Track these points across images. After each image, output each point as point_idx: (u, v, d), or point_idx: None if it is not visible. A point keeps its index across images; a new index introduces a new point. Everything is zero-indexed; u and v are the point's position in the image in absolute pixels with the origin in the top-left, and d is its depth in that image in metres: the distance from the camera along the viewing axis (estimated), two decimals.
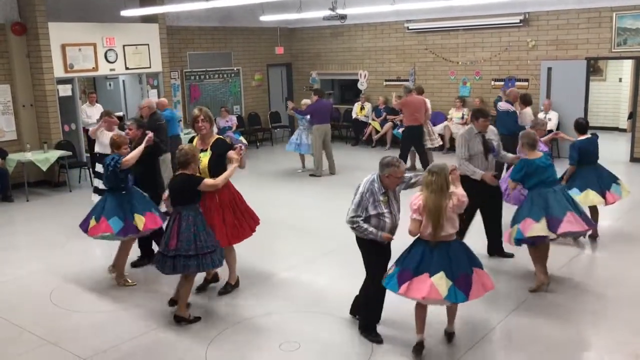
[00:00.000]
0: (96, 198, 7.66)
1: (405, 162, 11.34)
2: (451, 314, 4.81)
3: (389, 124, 13.93)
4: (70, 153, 10.73)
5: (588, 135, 7.06)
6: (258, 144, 15.10)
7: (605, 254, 6.79)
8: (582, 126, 7.07)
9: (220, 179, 5.29)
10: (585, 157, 6.88)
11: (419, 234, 4.54)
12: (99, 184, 7.88)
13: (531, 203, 5.63)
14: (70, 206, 9.19)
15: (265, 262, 6.69)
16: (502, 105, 9.70)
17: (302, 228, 7.91)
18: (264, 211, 5.96)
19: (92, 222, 5.96)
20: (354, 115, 14.85)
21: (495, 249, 6.63)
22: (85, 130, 10.99)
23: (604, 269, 6.34)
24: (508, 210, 6.36)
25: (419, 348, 4.57)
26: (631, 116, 12.77)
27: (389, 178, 4.62)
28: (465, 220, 5.40)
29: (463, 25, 13.12)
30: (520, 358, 4.60)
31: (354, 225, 4.67)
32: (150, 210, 6.10)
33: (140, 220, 5.94)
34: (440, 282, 4.32)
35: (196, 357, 4.70)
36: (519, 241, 5.67)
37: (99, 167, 7.89)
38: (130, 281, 6.15)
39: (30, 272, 6.73)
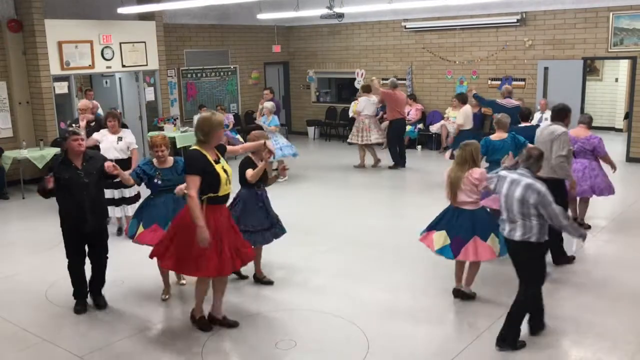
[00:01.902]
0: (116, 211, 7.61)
1: (397, 157, 11.49)
2: (470, 275, 5.47)
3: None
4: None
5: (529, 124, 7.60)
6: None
7: (604, 253, 6.80)
8: (524, 115, 7.79)
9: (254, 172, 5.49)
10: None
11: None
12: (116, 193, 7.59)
13: None
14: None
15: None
16: (511, 102, 9.90)
17: (298, 226, 7.91)
18: None
19: (141, 228, 5.63)
20: (350, 114, 14.81)
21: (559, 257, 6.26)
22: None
23: (600, 268, 6.35)
24: None
25: (457, 293, 5.49)
26: (627, 116, 12.81)
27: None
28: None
29: (460, 24, 13.13)
30: (518, 355, 4.61)
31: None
32: None
33: None
34: (439, 238, 5.29)
35: (192, 356, 4.70)
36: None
37: None
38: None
39: (25, 269, 6.72)
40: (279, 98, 16.37)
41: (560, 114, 6.11)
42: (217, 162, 4.67)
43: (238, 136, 13.07)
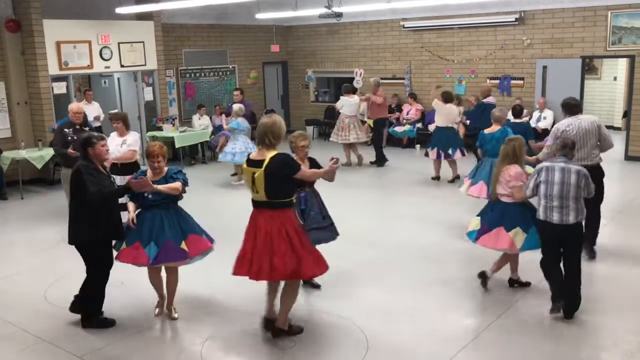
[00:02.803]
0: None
1: (381, 155, 11.68)
2: (513, 263, 5.69)
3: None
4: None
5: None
6: (254, 141, 15.08)
7: (602, 252, 6.80)
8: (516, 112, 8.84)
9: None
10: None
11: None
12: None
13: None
14: (64, 204, 9.13)
15: None
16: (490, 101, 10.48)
17: None
18: None
19: (123, 246, 5.14)
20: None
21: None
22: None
23: (600, 268, 6.35)
24: None
25: (482, 277, 5.66)
26: (626, 115, 12.81)
27: None
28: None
29: (459, 23, 13.13)
30: (514, 353, 4.61)
31: None
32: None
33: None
34: (474, 222, 5.70)
35: (192, 355, 4.70)
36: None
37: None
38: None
39: (24, 270, 6.71)
40: (278, 98, 16.39)
41: (577, 108, 6.48)
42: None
43: None
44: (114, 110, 8.33)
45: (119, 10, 10.76)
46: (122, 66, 11.91)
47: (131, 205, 5.13)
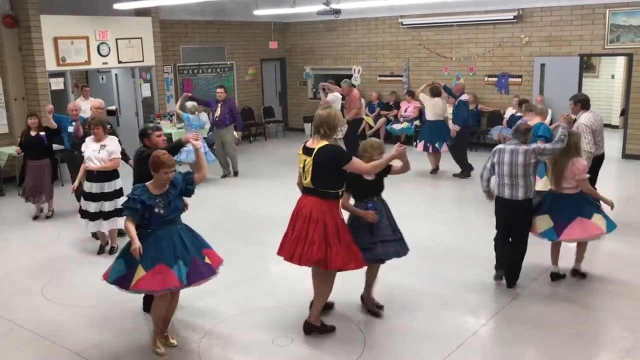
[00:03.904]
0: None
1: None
2: (580, 253, 5.92)
3: (382, 120, 13.94)
4: (62, 147, 10.67)
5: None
6: (251, 138, 15.09)
7: (599, 251, 6.81)
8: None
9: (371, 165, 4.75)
10: None
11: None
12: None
13: None
14: (61, 200, 9.13)
15: (257, 256, 6.69)
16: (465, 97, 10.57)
17: None
18: (259, 205, 5.97)
19: (140, 272, 4.40)
20: None
21: None
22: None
23: (597, 266, 6.36)
24: None
25: (554, 276, 5.85)
26: (623, 113, 12.83)
27: None
28: None
29: (457, 21, 13.12)
30: (510, 351, 4.63)
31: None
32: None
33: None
34: (541, 222, 5.65)
35: (189, 352, 4.70)
36: None
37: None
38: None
39: (21, 266, 6.71)
40: (276, 95, 16.36)
41: (589, 103, 7.41)
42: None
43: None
44: (98, 111, 7.96)
45: (117, 6, 10.73)
46: (119, 62, 11.89)
47: (131, 227, 4.35)
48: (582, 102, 7.29)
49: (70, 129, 8.22)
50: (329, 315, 5.19)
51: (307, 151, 4.66)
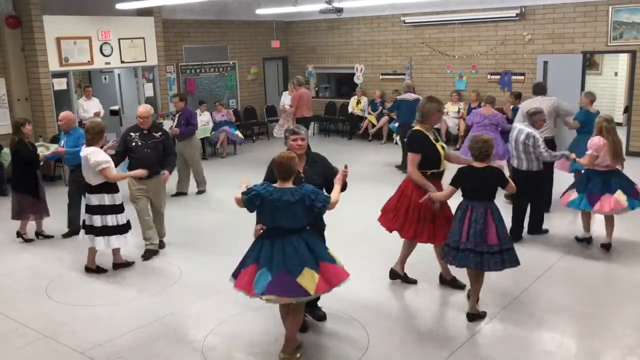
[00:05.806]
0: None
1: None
2: (609, 227, 6.61)
3: (385, 118, 13.94)
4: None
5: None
6: (254, 138, 15.10)
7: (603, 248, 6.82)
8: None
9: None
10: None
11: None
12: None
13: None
14: (65, 200, 9.14)
15: None
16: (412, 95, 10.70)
17: None
18: None
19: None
20: (350, 110, 14.84)
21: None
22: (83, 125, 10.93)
23: (600, 262, 6.36)
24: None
25: (583, 240, 6.78)
26: (627, 110, 12.80)
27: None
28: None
29: (459, 19, 13.11)
30: (511, 350, 4.62)
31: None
32: None
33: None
34: (573, 197, 6.54)
35: (192, 350, 4.71)
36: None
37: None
38: None
39: (25, 266, 6.73)
40: (279, 94, 16.31)
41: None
42: (437, 140, 5.37)
43: (237, 132, 13.04)
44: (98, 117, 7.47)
45: (119, 6, 10.75)
46: (122, 62, 11.91)
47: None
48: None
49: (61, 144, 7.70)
50: (331, 313, 5.19)
51: (439, 140, 5.43)
